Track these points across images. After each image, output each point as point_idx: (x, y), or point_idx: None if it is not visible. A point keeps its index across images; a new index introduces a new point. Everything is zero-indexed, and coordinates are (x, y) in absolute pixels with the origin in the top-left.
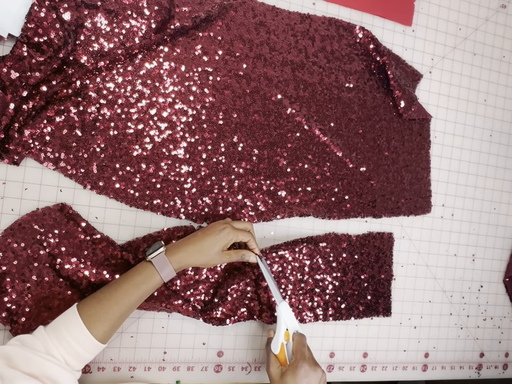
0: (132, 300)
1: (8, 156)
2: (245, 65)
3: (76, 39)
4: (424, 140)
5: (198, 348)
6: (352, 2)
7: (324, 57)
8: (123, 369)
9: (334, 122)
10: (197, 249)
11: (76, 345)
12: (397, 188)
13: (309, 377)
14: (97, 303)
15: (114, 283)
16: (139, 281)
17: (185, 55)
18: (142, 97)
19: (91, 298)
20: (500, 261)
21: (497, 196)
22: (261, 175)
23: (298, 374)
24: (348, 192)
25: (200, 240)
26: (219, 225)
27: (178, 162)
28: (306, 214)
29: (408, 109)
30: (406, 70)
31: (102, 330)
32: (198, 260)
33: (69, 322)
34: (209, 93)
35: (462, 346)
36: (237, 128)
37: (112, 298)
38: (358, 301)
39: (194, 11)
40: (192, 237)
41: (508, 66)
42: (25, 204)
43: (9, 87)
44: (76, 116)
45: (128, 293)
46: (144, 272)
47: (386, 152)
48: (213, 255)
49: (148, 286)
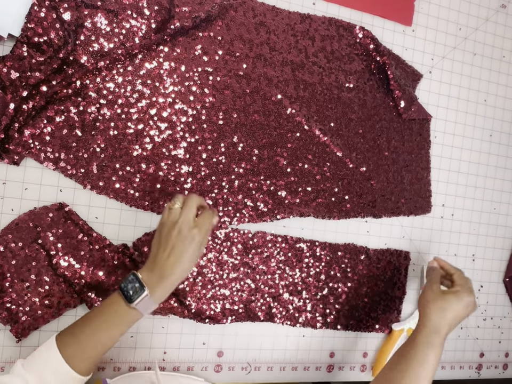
0: (115, 339)
1: (8, 156)
2: (245, 65)
3: (76, 39)
4: (424, 140)
5: (198, 348)
6: (352, 2)
7: (324, 57)
8: (123, 369)
9: (334, 122)
10: (179, 276)
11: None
12: (397, 188)
13: (467, 309)
14: (78, 344)
15: (93, 322)
16: (121, 323)
17: (185, 55)
18: (142, 97)
19: (70, 337)
20: (500, 261)
21: (497, 196)
22: (261, 175)
23: (464, 300)
24: (348, 192)
25: (178, 267)
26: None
27: (178, 162)
28: (306, 214)
29: (408, 109)
30: (406, 70)
31: (85, 367)
32: (183, 278)
33: (51, 363)
34: (209, 93)
35: (462, 346)
36: (237, 128)
37: (95, 339)
38: (369, 314)
39: (194, 11)
40: (165, 261)
41: (508, 66)
42: (25, 203)
43: (9, 87)
44: (76, 116)
45: (110, 335)
46: (127, 315)
47: (386, 152)
48: (194, 263)
49: (130, 325)
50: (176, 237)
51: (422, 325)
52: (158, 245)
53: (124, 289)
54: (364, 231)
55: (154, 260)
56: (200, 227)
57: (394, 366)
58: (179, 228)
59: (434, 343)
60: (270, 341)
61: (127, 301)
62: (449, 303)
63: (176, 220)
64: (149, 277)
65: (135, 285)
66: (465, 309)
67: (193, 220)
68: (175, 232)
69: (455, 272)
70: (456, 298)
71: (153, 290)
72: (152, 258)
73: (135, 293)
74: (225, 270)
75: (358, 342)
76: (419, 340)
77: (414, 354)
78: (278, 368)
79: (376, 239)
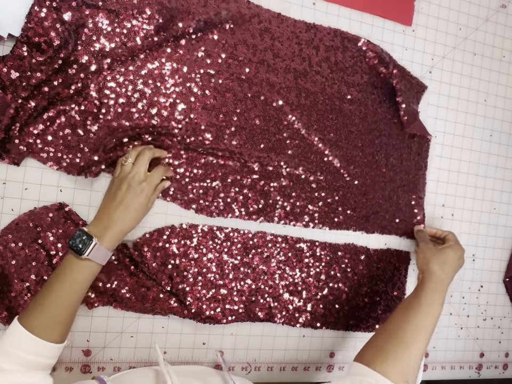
0: (79, 296)
1: (9, 156)
2: (248, 70)
3: (77, 39)
4: (422, 160)
5: (198, 348)
6: (352, 2)
7: (327, 67)
8: (123, 369)
9: (334, 133)
10: (127, 225)
11: (33, 357)
12: (392, 207)
13: (460, 261)
14: (41, 314)
15: (51, 289)
16: (80, 279)
17: (188, 56)
18: (143, 97)
19: (32, 309)
20: (500, 261)
21: (497, 195)
22: (256, 174)
23: (458, 252)
24: (342, 204)
25: (126, 216)
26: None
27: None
28: (300, 221)
29: (411, 123)
30: (410, 82)
31: (57, 333)
32: (131, 227)
33: (15, 339)
34: (210, 94)
35: (462, 346)
36: (237, 131)
37: (58, 303)
38: (369, 314)
39: (198, 13)
40: (113, 211)
41: (508, 66)
42: (25, 203)
43: (9, 87)
44: (78, 115)
45: (74, 294)
46: (84, 268)
47: (384, 168)
48: (142, 215)
49: (90, 278)
50: (126, 190)
51: (427, 279)
52: (107, 198)
53: (73, 245)
54: (363, 239)
55: (103, 211)
56: (149, 181)
57: (400, 317)
58: (128, 182)
59: (440, 292)
60: (270, 341)
61: (78, 254)
62: (447, 256)
63: (126, 175)
64: (96, 226)
65: (83, 238)
66: (459, 260)
67: (144, 173)
68: (125, 186)
69: (447, 233)
70: (453, 251)
71: (102, 238)
72: (101, 210)
73: (84, 245)
74: (225, 270)
75: (358, 342)
76: (425, 292)
77: (420, 305)
78: (278, 368)
79: (376, 239)
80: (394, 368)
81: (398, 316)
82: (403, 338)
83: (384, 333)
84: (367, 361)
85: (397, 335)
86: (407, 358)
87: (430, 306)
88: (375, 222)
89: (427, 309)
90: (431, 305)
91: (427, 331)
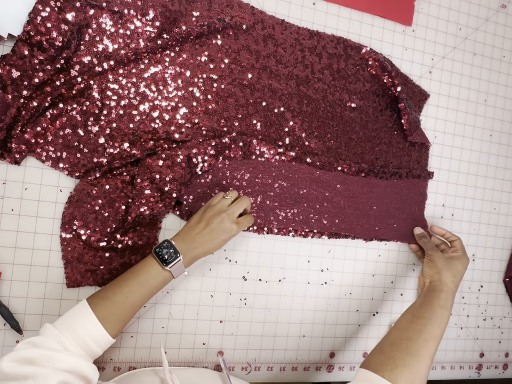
0: (146, 300)
1: (10, 155)
2: (250, 75)
3: (80, 39)
4: (422, 169)
5: (198, 348)
6: (352, 2)
7: (329, 74)
8: (123, 369)
9: (334, 140)
10: (203, 252)
11: (92, 343)
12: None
13: (465, 269)
14: (112, 305)
15: (127, 285)
16: (154, 285)
17: (191, 60)
18: (145, 100)
19: (104, 300)
20: (500, 261)
21: (497, 195)
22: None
23: (466, 264)
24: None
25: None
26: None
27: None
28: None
29: (413, 131)
30: (413, 90)
31: (116, 329)
32: (204, 255)
33: (84, 321)
34: (212, 99)
35: (462, 346)
36: (238, 137)
37: (127, 301)
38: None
39: (202, 17)
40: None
41: (508, 66)
42: (25, 203)
43: (10, 86)
44: (79, 116)
45: (143, 296)
46: (161, 277)
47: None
48: (216, 250)
49: (161, 287)
50: (217, 222)
51: (438, 289)
52: (197, 220)
53: (159, 253)
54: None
55: (188, 231)
56: (240, 226)
57: (409, 324)
58: (223, 217)
59: (450, 304)
60: (270, 341)
61: (162, 264)
62: (458, 269)
63: (223, 209)
64: (180, 244)
65: (170, 251)
66: (465, 269)
67: (237, 216)
68: (219, 219)
69: (455, 238)
70: (461, 264)
71: (185, 256)
72: (187, 229)
73: (170, 257)
74: None
75: (358, 342)
76: (437, 303)
77: (431, 315)
78: (278, 368)
79: (375, 245)
80: (404, 376)
81: (407, 324)
82: (413, 347)
83: (393, 341)
84: (375, 368)
85: (406, 345)
86: (417, 367)
87: (441, 316)
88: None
89: (438, 320)
90: (443, 315)
91: (437, 340)
